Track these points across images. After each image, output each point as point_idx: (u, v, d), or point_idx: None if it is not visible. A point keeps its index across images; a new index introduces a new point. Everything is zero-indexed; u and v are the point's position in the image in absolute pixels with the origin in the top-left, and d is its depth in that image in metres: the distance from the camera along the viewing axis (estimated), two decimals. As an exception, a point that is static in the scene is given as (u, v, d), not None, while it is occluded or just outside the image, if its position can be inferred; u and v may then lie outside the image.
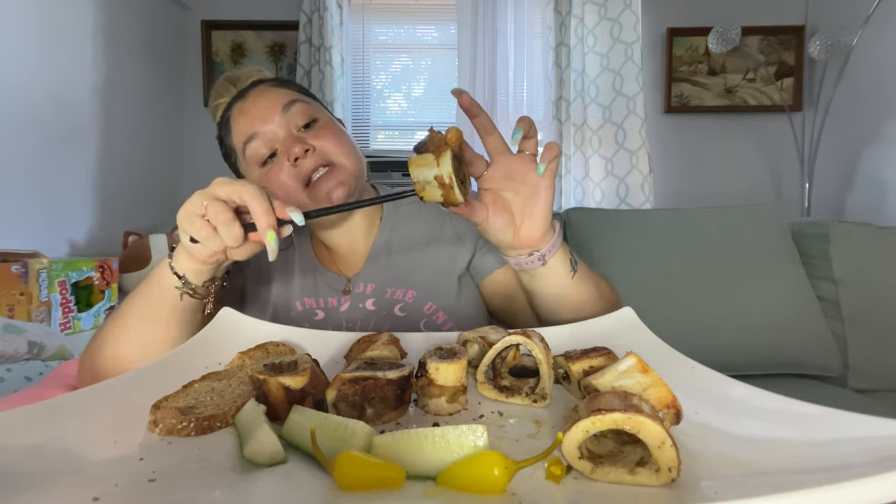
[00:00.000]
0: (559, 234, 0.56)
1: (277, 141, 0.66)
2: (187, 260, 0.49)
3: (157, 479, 0.27)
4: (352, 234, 0.74)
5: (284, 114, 0.66)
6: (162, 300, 0.52)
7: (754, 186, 2.31)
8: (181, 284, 0.51)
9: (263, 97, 0.68)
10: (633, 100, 2.11)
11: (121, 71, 1.81)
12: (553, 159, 0.51)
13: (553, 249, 0.55)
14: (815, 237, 1.32)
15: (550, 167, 0.51)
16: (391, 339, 0.47)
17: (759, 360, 1.22)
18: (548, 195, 0.53)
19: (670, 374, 0.36)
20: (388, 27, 2.37)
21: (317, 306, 0.71)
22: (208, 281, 0.52)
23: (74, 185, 1.60)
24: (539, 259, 0.55)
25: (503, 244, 0.56)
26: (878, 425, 0.28)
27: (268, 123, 0.66)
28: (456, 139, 0.47)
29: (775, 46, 2.27)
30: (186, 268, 0.50)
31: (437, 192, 0.48)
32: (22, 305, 1.08)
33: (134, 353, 0.54)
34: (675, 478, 0.26)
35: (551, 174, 0.52)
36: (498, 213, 0.53)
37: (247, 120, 0.67)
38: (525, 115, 0.52)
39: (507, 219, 0.54)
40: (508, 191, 0.54)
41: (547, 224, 0.54)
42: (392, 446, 0.28)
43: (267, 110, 0.66)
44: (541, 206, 0.53)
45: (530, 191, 0.53)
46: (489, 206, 0.53)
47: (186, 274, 0.50)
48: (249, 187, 0.45)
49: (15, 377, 0.86)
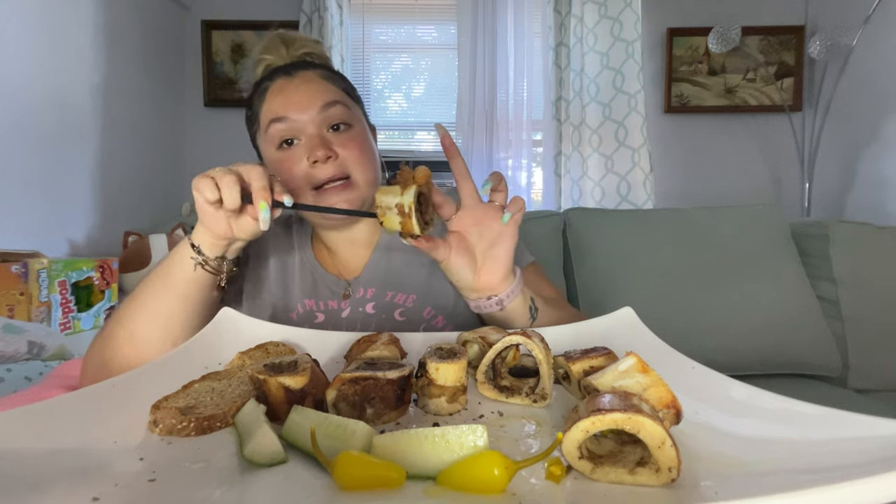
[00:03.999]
0: (519, 281, 0.58)
1: (304, 133, 0.66)
2: (203, 233, 0.56)
3: (157, 479, 0.27)
4: (354, 238, 0.74)
5: (322, 111, 0.67)
6: (179, 271, 0.57)
7: (754, 186, 2.31)
8: (196, 254, 0.56)
9: (309, 87, 0.68)
10: (634, 97, 2.11)
11: (121, 71, 1.81)
12: (518, 211, 0.55)
13: (511, 296, 0.57)
14: (815, 237, 1.32)
15: (515, 217, 0.56)
16: (391, 339, 0.47)
17: (759, 360, 1.22)
18: (510, 243, 0.56)
19: (670, 374, 0.36)
20: (388, 27, 2.37)
21: (317, 308, 0.71)
22: (220, 258, 0.58)
23: (74, 185, 1.60)
24: (497, 304, 0.57)
25: (463, 285, 0.58)
26: (878, 425, 0.28)
27: (302, 114, 0.66)
28: (423, 177, 0.52)
29: (775, 46, 2.27)
30: (202, 240, 0.56)
31: (397, 219, 0.51)
32: (22, 305, 1.08)
33: (150, 329, 0.57)
34: (675, 478, 0.26)
35: (514, 224, 0.56)
36: (461, 253, 0.56)
37: (283, 101, 0.67)
38: (496, 171, 0.57)
39: (469, 260, 0.57)
40: (473, 235, 0.57)
41: (507, 269, 0.57)
42: (392, 446, 0.28)
43: (307, 101, 0.67)
44: (502, 251, 0.56)
45: (494, 236, 0.56)
46: (452, 246, 0.56)
47: (202, 245, 0.56)
48: (257, 168, 0.52)
49: (15, 377, 0.86)
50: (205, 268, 0.57)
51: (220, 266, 0.58)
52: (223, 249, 0.57)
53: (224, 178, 0.51)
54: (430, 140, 2.37)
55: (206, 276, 0.58)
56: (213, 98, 2.30)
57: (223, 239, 0.56)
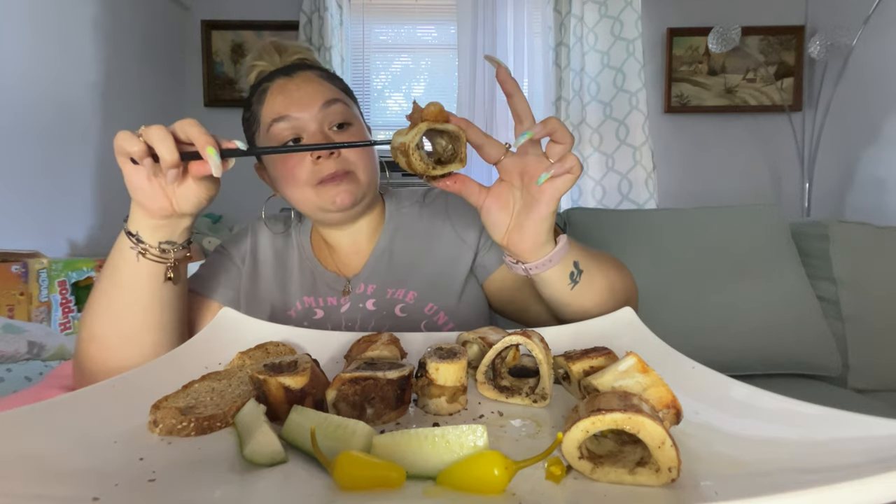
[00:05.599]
0: (556, 253, 0.51)
1: (306, 131, 0.66)
2: (140, 216, 0.50)
3: (157, 479, 0.27)
4: (356, 234, 0.74)
5: (323, 109, 0.67)
6: (123, 263, 0.51)
7: (754, 186, 2.31)
8: (135, 243, 0.50)
9: (309, 85, 0.68)
10: (635, 96, 2.11)
11: (121, 71, 1.81)
12: (564, 173, 0.46)
13: (541, 268, 0.51)
14: (815, 237, 1.32)
15: (556, 183, 0.46)
16: (391, 339, 0.47)
17: (759, 360, 1.22)
18: (542, 212, 0.48)
19: (670, 374, 0.36)
20: (388, 27, 2.37)
21: (316, 305, 0.71)
22: (166, 243, 0.51)
23: (74, 185, 1.60)
24: (523, 271, 0.52)
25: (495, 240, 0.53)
26: (878, 425, 0.28)
27: (304, 112, 0.66)
28: (432, 114, 0.45)
29: (775, 46, 2.27)
30: (140, 225, 0.50)
31: (402, 159, 0.46)
32: (22, 305, 1.08)
33: (104, 327, 0.53)
34: (675, 478, 0.26)
35: (554, 191, 0.47)
36: (498, 207, 0.50)
37: (285, 100, 0.67)
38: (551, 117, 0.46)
39: (504, 216, 0.50)
40: (516, 189, 0.50)
41: (536, 242, 0.49)
42: (392, 446, 0.28)
43: (308, 99, 0.67)
44: (532, 221, 0.48)
45: (529, 199, 0.48)
46: (492, 195, 0.50)
47: (140, 232, 0.50)
48: (191, 120, 0.45)
49: (15, 377, 0.86)
50: (148, 257, 0.51)
51: (165, 253, 0.51)
52: (167, 232, 0.51)
53: (152, 131, 0.44)
54: (430, 140, 2.37)
55: (155, 266, 0.51)
56: (213, 98, 2.31)
57: (164, 217, 0.49)
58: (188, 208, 0.50)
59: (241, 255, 0.75)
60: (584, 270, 0.54)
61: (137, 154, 0.44)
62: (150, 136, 0.44)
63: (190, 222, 0.53)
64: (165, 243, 0.51)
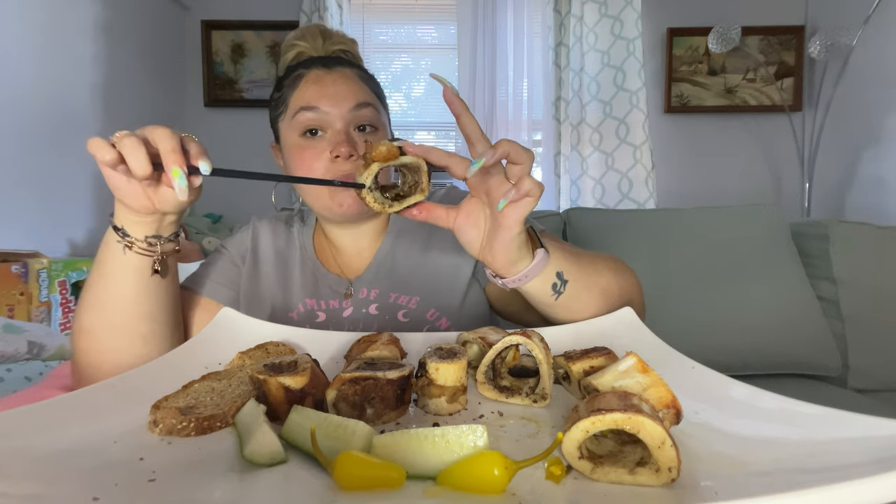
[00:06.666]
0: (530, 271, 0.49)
1: (331, 127, 0.67)
2: (124, 211, 0.50)
3: (157, 479, 0.27)
4: (359, 237, 0.74)
5: (354, 111, 0.67)
6: (111, 257, 0.52)
7: (754, 186, 2.31)
8: (121, 237, 0.51)
9: (345, 83, 0.68)
10: (635, 94, 2.11)
11: (121, 71, 1.81)
12: (522, 197, 0.44)
13: (518, 283, 0.50)
14: (815, 237, 1.32)
15: (513, 210, 0.45)
16: (391, 339, 0.47)
17: (759, 360, 1.22)
18: (505, 237, 0.47)
19: (670, 374, 0.36)
20: (388, 27, 2.37)
21: (318, 308, 0.71)
22: (152, 237, 0.51)
23: (74, 185, 1.60)
24: (501, 285, 0.51)
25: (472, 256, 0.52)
26: (878, 425, 0.28)
27: (334, 108, 0.66)
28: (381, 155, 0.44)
29: (775, 46, 2.27)
30: (125, 219, 0.50)
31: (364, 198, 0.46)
32: (22, 305, 1.08)
33: (91, 319, 0.53)
34: (675, 478, 0.26)
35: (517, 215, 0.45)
36: (470, 224, 0.49)
37: (317, 92, 0.67)
38: (503, 140, 0.44)
39: (476, 234, 0.50)
40: (486, 206, 0.49)
41: (507, 260, 0.49)
42: (392, 446, 0.28)
43: (342, 97, 0.67)
44: (499, 243, 0.47)
45: (494, 223, 0.48)
46: (462, 213, 0.50)
47: (125, 227, 0.51)
48: (161, 128, 0.44)
49: (15, 377, 0.86)
50: (134, 250, 0.51)
51: (151, 247, 0.51)
52: (152, 227, 0.51)
53: (124, 141, 0.43)
54: (430, 140, 2.37)
55: (142, 259, 0.52)
56: (213, 98, 2.30)
57: (147, 215, 0.49)
58: (168, 208, 0.50)
59: (242, 254, 0.75)
60: (569, 280, 0.53)
61: (109, 163, 0.44)
62: (122, 147, 0.43)
63: (175, 217, 0.52)
64: (152, 237, 0.51)
